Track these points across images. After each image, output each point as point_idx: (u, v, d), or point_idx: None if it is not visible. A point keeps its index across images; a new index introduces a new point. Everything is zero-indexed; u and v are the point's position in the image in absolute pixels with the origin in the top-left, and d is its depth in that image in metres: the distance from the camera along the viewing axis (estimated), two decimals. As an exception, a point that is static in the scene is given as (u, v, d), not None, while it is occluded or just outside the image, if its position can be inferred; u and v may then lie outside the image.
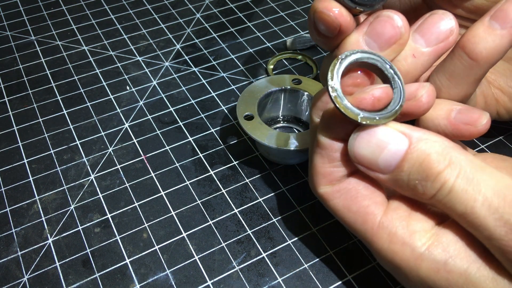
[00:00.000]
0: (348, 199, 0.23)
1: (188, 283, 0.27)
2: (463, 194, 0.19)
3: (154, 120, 0.37)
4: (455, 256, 0.20)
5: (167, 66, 0.41)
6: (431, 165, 0.20)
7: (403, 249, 0.21)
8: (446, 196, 0.20)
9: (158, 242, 0.29)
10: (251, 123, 0.31)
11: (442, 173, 0.20)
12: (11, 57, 0.43)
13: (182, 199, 0.31)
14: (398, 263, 0.21)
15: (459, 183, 0.19)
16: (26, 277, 0.28)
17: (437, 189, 0.20)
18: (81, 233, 0.30)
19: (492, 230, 0.19)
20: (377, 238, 0.22)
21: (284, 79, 0.35)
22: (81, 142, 0.35)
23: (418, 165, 0.20)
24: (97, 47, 0.43)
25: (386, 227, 0.22)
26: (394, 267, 0.22)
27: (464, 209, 0.19)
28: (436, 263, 0.20)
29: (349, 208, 0.23)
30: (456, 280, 0.20)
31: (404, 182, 0.21)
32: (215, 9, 0.48)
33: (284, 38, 0.44)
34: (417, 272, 0.21)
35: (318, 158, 0.24)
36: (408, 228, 0.21)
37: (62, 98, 0.39)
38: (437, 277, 0.20)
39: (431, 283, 0.21)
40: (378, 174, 0.22)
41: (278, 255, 0.28)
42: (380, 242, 0.22)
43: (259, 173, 0.33)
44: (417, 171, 0.20)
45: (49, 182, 0.32)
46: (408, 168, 0.20)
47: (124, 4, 0.49)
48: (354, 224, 0.23)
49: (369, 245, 0.23)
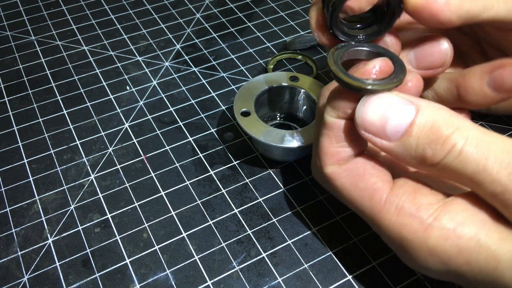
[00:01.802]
0: (356, 176, 0.23)
1: (188, 283, 0.27)
2: (474, 154, 0.19)
3: (154, 120, 0.37)
4: (463, 223, 0.20)
5: (167, 66, 0.41)
6: (440, 130, 0.20)
7: (411, 220, 0.21)
8: (456, 158, 0.20)
9: (158, 242, 0.29)
10: (248, 120, 0.31)
11: (451, 137, 0.20)
12: (11, 57, 0.43)
13: (182, 199, 0.31)
14: (406, 236, 0.21)
15: (468, 144, 0.20)
16: (26, 277, 0.28)
17: (447, 151, 0.20)
18: (81, 233, 0.30)
19: (506, 184, 0.19)
20: (384, 212, 0.22)
21: (281, 76, 0.35)
22: (81, 142, 0.35)
23: (427, 129, 0.20)
24: (97, 47, 0.43)
25: (393, 201, 0.22)
26: (401, 241, 0.22)
27: (475, 167, 0.19)
28: (445, 231, 0.20)
29: (356, 185, 0.23)
30: (467, 245, 0.20)
31: (412, 148, 0.21)
32: (215, 9, 0.48)
33: (284, 38, 0.44)
34: (426, 243, 0.21)
35: (325, 139, 0.24)
36: (415, 202, 0.21)
37: (62, 98, 0.39)
38: (446, 244, 0.20)
39: (441, 252, 0.20)
40: (385, 142, 0.22)
41: (278, 255, 0.28)
42: (387, 216, 0.22)
43: (259, 173, 0.33)
44: (426, 135, 0.20)
45: (49, 182, 0.32)
46: (417, 133, 0.21)
47: (124, 4, 0.49)
48: (361, 201, 0.23)
49: (375, 221, 0.23)
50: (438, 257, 0.21)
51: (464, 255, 0.20)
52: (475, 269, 0.20)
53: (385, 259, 0.28)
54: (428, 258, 0.21)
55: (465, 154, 0.20)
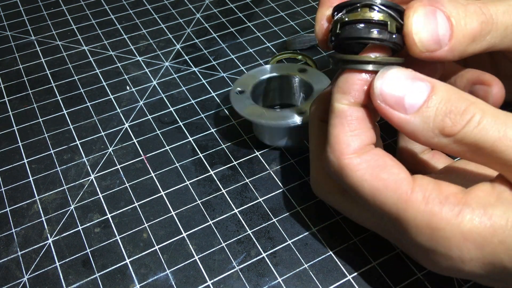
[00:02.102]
0: (376, 167, 0.22)
1: (188, 283, 0.27)
2: (493, 123, 0.20)
3: (154, 120, 0.37)
4: (491, 204, 0.20)
5: (167, 66, 0.41)
6: (457, 102, 0.20)
7: (441, 208, 0.21)
8: (476, 127, 0.20)
9: (158, 242, 0.29)
10: (240, 97, 0.33)
11: (468, 108, 0.20)
12: (11, 57, 0.43)
13: (182, 199, 0.31)
14: (436, 224, 0.21)
15: (487, 115, 0.20)
16: (26, 277, 0.28)
17: (466, 120, 0.20)
18: (81, 233, 0.30)
19: None
20: (411, 202, 0.21)
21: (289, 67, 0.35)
22: (81, 142, 0.35)
23: (445, 101, 0.21)
24: (97, 47, 0.43)
25: (420, 191, 0.21)
26: (431, 232, 0.21)
27: (496, 135, 0.20)
28: (476, 213, 0.20)
29: (378, 176, 0.22)
30: (499, 224, 0.20)
31: (430, 119, 0.21)
32: (215, 9, 0.48)
33: (284, 38, 0.44)
34: (459, 228, 0.20)
35: (338, 128, 0.23)
36: (442, 191, 0.21)
37: (62, 98, 0.39)
38: (480, 226, 0.20)
39: (475, 236, 0.20)
40: (402, 115, 0.21)
41: (278, 255, 0.28)
42: (415, 206, 0.21)
43: (259, 173, 0.33)
44: (445, 106, 0.21)
45: (49, 182, 0.32)
46: (435, 104, 0.21)
47: (124, 4, 0.49)
48: (385, 192, 0.22)
49: (400, 212, 0.22)
50: (472, 242, 0.20)
51: (498, 235, 0.20)
52: (511, 247, 0.20)
53: (385, 259, 0.28)
54: (462, 246, 0.20)
55: (485, 123, 0.20)
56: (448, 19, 0.22)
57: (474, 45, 0.23)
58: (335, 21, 0.23)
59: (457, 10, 0.22)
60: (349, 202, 0.26)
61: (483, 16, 0.23)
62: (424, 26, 0.22)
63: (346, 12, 0.22)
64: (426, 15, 0.22)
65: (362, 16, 0.22)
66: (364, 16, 0.22)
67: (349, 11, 0.22)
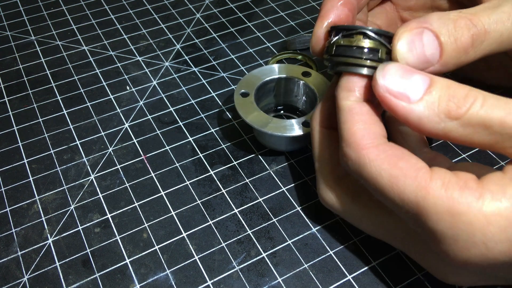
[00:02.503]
0: (394, 156, 0.22)
1: (188, 283, 0.27)
2: (496, 101, 0.20)
3: (154, 120, 0.37)
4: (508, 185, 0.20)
5: (167, 66, 0.41)
6: (458, 88, 0.21)
7: (462, 192, 0.20)
8: (481, 108, 0.20)
9: (158, 242, 0.29)
10: (244, 100, 0.33)
11: (470, 93, 0.21)
12: (11, 57, 0.43)
13: (182, 199, 0.31)
14: (458, 209, 0.20)
15: (488, 97, 0.20)
16: (26, 277, 0.28)
17: (470, 102, 0.21)
18: (81, 233, 0.30)
19: None
20: (431, 188, 0.21)
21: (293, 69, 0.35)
22: (81, 142, 0.35)
23: (446, 88, 0.21)
24: (97, 47, 0.43)
25: (438, 178, 0.21)
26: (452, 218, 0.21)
27: (503, 111, 0.20)
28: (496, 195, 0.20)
29: (397, 164, 0.22)
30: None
31: (435, 104, 0.21)
32: (215, 9, 0.48)
33: (284, 38, 0.44)
34: (482, 211, 0.20)
35: (349, 124, 0.23)
36: (460, 177, 0.21)
37: (62, 98, 0.39)
38: (502, 206, 0.20)
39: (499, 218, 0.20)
40: (406, 104, 0.21)
41: (278, 255, 0.28)
42: (435, 192, 0.21)
43: (259, 173, 0.33)
44: (447, 92, 0.21)
45: (49, 182, 0.32)
46: (437, 91, 0.21)
47: (124, 4, 0.49)
48: (403, 179, 0.22)
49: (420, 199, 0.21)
50: (496, 224, 0.20)
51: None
52: None
53: (385, 259, 0.28)
54: (486, 230, 0.20)
55: (489, 102, 0.20)
56: (437, 37, 0.23)
57: (468, 55, 0.23)
58: (332, 43, 0.25)
59: (447, 27, 0.23)
60: (359, 208, 0.26)
61: (474, 28, 0.23)
62: (409, 50, 0.23)
63: (342, 36, 0.24)
64: (410, 40, 0.23)
65: (357, 43, 0.23)
66: (358, 43, 0.23)
67: (345, 36, 0.24)
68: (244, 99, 0.33)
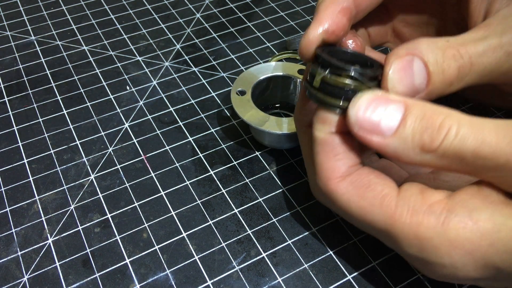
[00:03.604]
0: (362, 187, 0.23)
1: (188, 283, 0.27)
2: (470, 131, 0.20)
3: (154, 120, 0.37)
4: (476, 208, 0.20)
5: (167, 66, 0.41)
6: (433, 117, 0.20)
7: (427, 218, 0.21)
8: (455, 139, 0.20)
9: (158, 242, 0.29)
10: (241, 98, 0.33)
11: (444, 122, 0.20)
12: (11, 57, 0.43)
13: (182, 199, 0.31)
14: (424, 234, 0.21)
15: (463, 125, 0.20)
16: (26, 277, 0.28)
17: (444, 134, 0.20)
18: (81, 233, 0.30)
19: (507, 152, 0.19)
20: (397, 216, 0.22)
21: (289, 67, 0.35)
22: (81, 142, 0.35)
23: (420, 119, 0.21)
24: (97, 47, 0.43)
25: (404, 204, 0.22)
26: (420, 243, 0.21)
27: (475, 143, 0.19)
28: (462, 219, 0.20)
29: (364, 195, 0.23)
30: (486, 228, 0.20)
31: (409, 139, 0.21)
32: (215, 9, 0.48)
33: (284, 38, 0.44)
34: (447, 236, 0.20)
35: (322, 156, 0.24)
36: (425, 200, 0.21)
37: (62, 98, 0.39)
38: (467, 231, 0.20)
39: (464, 242, 0.20)
40: (381, 138, 0.21)
41: (278, 255, 0.28)
42: (401, 219, 0.21)
43: (259, 173, 0.33)
44: (420, 124, 0.21)
45: (49, 182, 0.32)
46: (411, 123, 0.21)
47: (124, 4, 0.49)
48: (371, 210, 0.23)
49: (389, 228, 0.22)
50: (461, 248, 0.20)
51: (486, 238, 0.20)
52: (500, 249, 0.20)
53: (385, 259, 0.28)
54: (452, 253, 0.21)
55: (463, 133, 0.20)
56: (426, 66, 0.23)
57: (452, 88, 0.23)
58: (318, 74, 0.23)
59: (436, 57, 0.23)
60: None
61: (461, 60, 0.23)
62: (400, 81, 0.23)
63: (330, 72, 0.23)
64: (402, 67, 0.22)
65: (342, 84, 0.22)
66: (344, 85, 0.22)
67: (332, 72, 0.23)
68: (241, 98, 0.33)
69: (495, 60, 0.23)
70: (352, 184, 0.23)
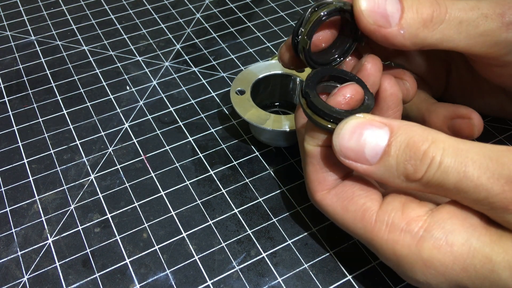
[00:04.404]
0: (345, 200, 0.24)
1: (188, 283, 0.27)
2: (453, 163, 0.20)
3: (154, 120, 0.37)
4: (454, 230, 0.20)
5: (167, 66, 0.41)
6: (416, 145, 0.20)
7: (403, 236, 0.21)
8: (437, 170, 0.20)
9: (158, 242, 0.29)
10: (240, 98, 0.33)
11: (428, 150, 0.20)
12: (11, 57, 0.43)
13: (182, 199, 0.31)
14: (400, 252, 0.21)
15: (446, 155, 0.20)
16: (26, 277, 0.28)
17: (427, 164, 0.20)
18: (81, 233, 0.30)
19: (488, 188, 0.19)
20: (376, 231, 0.22)
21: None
22: (81, 142, 0.35)
23: (404, 147, 0.21)
24: (97, 47, 0.43)
25: (383, 219, 0.22)
26: (396, 259, 0.22)
27: (457, 176, 0.19)
28: (436, 241, 0.20)
29: (347, 208, 0.23)
30: (460, 252, 0.20)
31: (393, 168, 0.21)
32: (215, 9, 0.48)
33: (284, 38, 0.44)
34: (420, 256, 0.21)
35: (310, 167, 0.25)
36: (404, 216, 0.22)
37: (62, 98, 0.39)
38: (440, 254, 0.20)
39: (436, 263, 0.20)
40: (366, 166, 0.22)
41: (278, 255, 0.28)
42: (379, 235, 0.22)
43: (259, 173, 0.33)
44: (404, 153, 0.21)
45: (49, 182, 0.32)
46: (395, 152, 0.21)
47: (124, 4, 0.49)
48: (353, 223, 0.23)
49: (369, 241, 0.23)
50: (434, 269, 0.21)
51: (459, 263, 0.20)
52: (473, 274, 0.20)
53: (385, 259, 0.28)
54: (425, 272, 0.21)
55: (445, 165, 0.20)
56: (400, 2, 0.23)
57: (426, 31, 0.23)
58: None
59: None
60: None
61: (437, 6, 0.23)
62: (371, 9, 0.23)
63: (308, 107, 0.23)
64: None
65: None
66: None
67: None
68: (241, 97, 0.33)
69: (471, 18, 0.23)
70: (336, 196, 0.24)
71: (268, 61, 0.36)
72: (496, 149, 0.20)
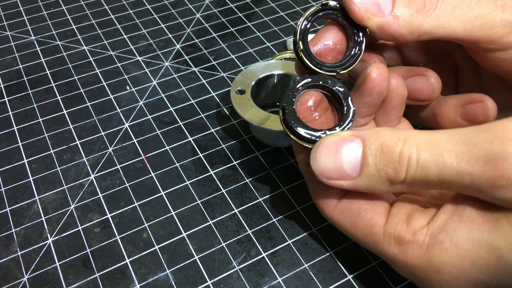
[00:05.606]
0: (353, 216, 0.24)
1: (188, 283, 0.27)
2: (430, 157, 0.20)
3: (154, 120, 0.37)
4: (454, 229, 0.20)
5: (167, 66, 0.41)
6: (391, 148, 0.21)
7: (411, 247, 0.21)
8: (417, 168, 0.20)
9: (158, 242, 0.29)
10: (240, 98, 0.33)
11: (403, 151, 0.20)
12: (11, 57, 0.43)
13: (182, 199, 0.31)
14: (411, 263, 0.22)
15: (422, 151, 0.20)
16: (26, 277, 0.28)
17: (405, 165, 0.20)
18: (81, 233, 0.30)
19: (470, 172, 0.19)
20: (386, 246, 0.22)
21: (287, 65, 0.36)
22: (81, 142, 0.35)
23: (379, 154, 0.21)
24: (97, 47, 0.43)
25: (390, 233, 0.22)
26: (410, 270, 0.22)
27: (437, 168, 0.20)
28: (442, 244, 0.20)
29: (356, 225, 0.24)
30: (466, 249, 0.20)
31: (375, 176, 0.21)
32: (215, 9, 0.48)
33: (284, 38, 0.44)
34: (431, 264, 0.21)
35: (311, 185, 0.26)
36: (410, 228, 0.22)
37: (62, 98, 0.39)
38: (449, 256, 0.20)
39: (448, 267, 0.20)
40: (349, 181, 0.22)
41: (278, 255, 0.28)
42: (390, 249, 0.22)
43: (259, 173, 0.33)
44: (381, 159, 0.21)
45: (49, 182, 0.32)
46: (373, 161, 0.21)
47: (124, 4, 0.49)
48: (363, 239, 0.24)
49: (382, 256, 0.23)
50: (448, 273, 0.21)
51: (467, 259, 0.20)
52: (483, 267, 0.20)
53: (385, 259, 0.28)
54: (440, 279, 0.21)
55: (423, 160, 0.20)
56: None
57: (421, 17, 0.23)
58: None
59: None
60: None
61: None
62: None
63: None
64: None
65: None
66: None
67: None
68: (241, 97, 0.33)
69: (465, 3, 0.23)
70: (343, 212, 0.24)
71: (268, 61, 0.36)
72: (466, 132, 0.20)
